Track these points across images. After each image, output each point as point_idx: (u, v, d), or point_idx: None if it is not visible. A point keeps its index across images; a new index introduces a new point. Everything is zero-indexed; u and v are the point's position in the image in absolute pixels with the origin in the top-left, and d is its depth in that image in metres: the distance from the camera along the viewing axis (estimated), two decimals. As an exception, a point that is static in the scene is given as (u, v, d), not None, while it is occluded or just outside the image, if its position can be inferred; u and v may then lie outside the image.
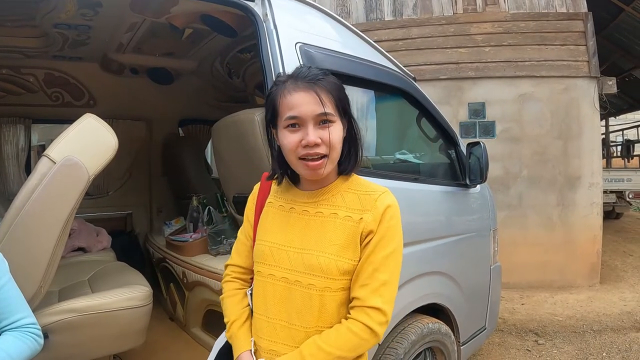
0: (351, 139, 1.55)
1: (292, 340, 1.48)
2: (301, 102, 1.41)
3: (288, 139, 1.43)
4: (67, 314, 2.43)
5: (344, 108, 1.49)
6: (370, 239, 1.45)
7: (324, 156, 1.43)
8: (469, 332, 3.38)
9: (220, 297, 1.74)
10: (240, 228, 1.76)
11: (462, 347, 3.26)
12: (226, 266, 1.78)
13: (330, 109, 1.42)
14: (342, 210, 1.50)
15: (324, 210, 1.51)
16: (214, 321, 3.28)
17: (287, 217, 1.56)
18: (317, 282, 1.44)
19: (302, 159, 1.43)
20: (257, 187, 1.74)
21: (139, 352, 3.05)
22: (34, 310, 2.06)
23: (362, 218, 1.46)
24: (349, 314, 1.45)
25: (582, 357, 4.42)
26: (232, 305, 1.67)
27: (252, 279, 1.68)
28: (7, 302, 1.69)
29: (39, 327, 1.79)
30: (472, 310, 3.41)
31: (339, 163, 1.53)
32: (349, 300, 1.47)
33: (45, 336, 2.22)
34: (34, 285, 2.20)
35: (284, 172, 1.58)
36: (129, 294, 2.66)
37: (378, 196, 1.50)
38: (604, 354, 4.47)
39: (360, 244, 1.46)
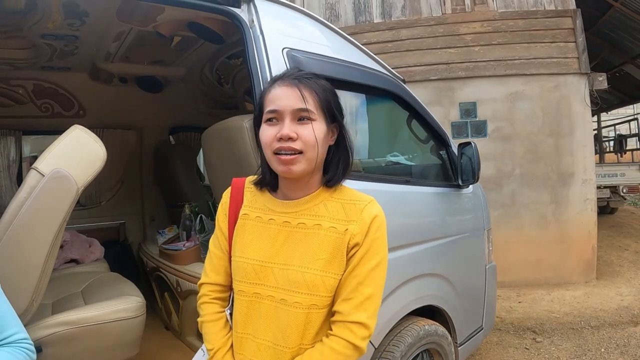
0: (339, 147, 1.48)
1: None
2: (282, 96, 1.38)
3: (265, 133, 1.39)
4: (61, 327, 2.41)
5: (330, 111, 1.43)
6: (356, 252, 1.39)
7: (299, 152, 1.35)
8: (466, 333, 3.37)
9: (199, 319, 1.61)
10: (212, 240, 1.64)
11: (459, 348, 3.26)
12: (201, 285, 1.64)
13: (311, 106, 1.37)
14: (325, 220, 1.42)
15: (307, 221, 1.43)
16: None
17: (267, 230, 1.47)
18: (302, 300, 1.37)
19: (276, 153, 1.37)
20: (227, 195, 1.62)
21: (135, 362, 3.03)
22: (27, 324, 2.05)
23: (347, 229, 1.40)
24: (331, 329, 1.40)
25: (580, 354, 4.43)
26: (215, 332, 1.55)
27: (229, 296, 1.60)
28: (-2, 317, 1.67)
29: (32, 342, 1.77)
30: (469, 310, 3.41)
31: (325, 172, 1.48)
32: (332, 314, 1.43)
33: (39, 350, 2.20)
34: (26, 299, 2.19)
35: (269, 173, 1.49)
36: (122, 305, 2.65)
37: (364, 206, 1.43)
38: (602, 350, 4.48)
39: (346, 257, 1.40)
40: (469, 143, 3.19)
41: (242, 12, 2.30)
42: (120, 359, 2.73)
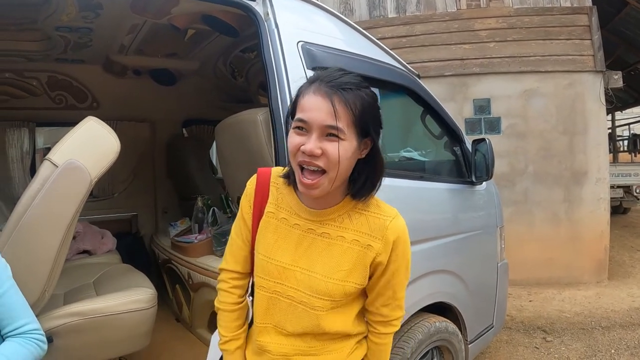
0: (368, 163, 1.41)
1: (302, 341, 1.47)
2: (314, 108, 1.28)
3: (291, 140, 1.33)
4: (72, 318, 2.42)
5: (364, 127, 1.32)
6: (385, 268, 1.44)
7: (322, 172, 1.31)
8: (477, 331, 3.36)
9: (216, 303, 1.65)
10: (235, 227, 1.63)
11: (469, 346, 3.25)
12: (221, 270, 1.66)
13: (343, 124, 1.27)
14: (349, 232, 1.42)
15: (331, 232, 1.43)
16: (220, 322, 3.27)
17: (291, 233, 1.47)
18: (323, 305, 1.41)
19: (300, 167, 1.33)
20: (252, 186, 1.58)
21: (145, 353, 3.04)
22: (38, 314, 2.06)
23: (370, 245, 1.41)
24: (373, 325, 1.56)
25: (590, 354, 4.40)
26: (230, 321, 1.62)
27: (249, 282, 1.65)
28: (10, 308, 1.68)
29: (43, 333, 1.78)
30: (480, 308, 3.39)
31: (352, 183, 1.42)
32: (359, 309, 1.54)
33: (50, 340, 2.22)
34: (38, 290, 2.20)
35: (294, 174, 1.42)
36: (134, 297, 2.66)
37: (389, 223, 1.42)
38: (613, 351, 4.44)
39: (369, 269, 1.43)
40: (483, 139, 3.17)
41: (257, 5, 2.29)
42: (131, 350, 2.74)
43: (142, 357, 3.12)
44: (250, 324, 1.62)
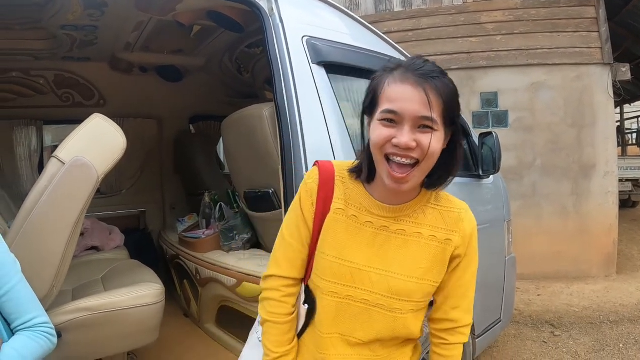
0: (449, 153, 1.32)
1: (369, 350, 1.39)
2: (405, 98, 1.20)
3: (378, 132, 1.23)
4: (81, 313, 2.44)
5: (451, 117, 1.26)
6: (459, 262, 1.39)
7: (413, 165, 1.23)
8: (484, 325, 3.34)
9: (263, 315, 1.47)
10: (290, 229, 1.46)
11: (477, 340, 3.23)
12: (269, 277, 1.47)
13: (436, 114, 1.20)
14: (425, 228, 1.35)
15: (407, 228, 1.35)
16: (227, 317, 3.29)
17: (362, 231, 1.36)
18: (402, 306, 1.33)
19: (388, 159, 1.23)
20: (314, 180, 1.42)
21: (154, 348, 3.06)
22: (47, 310, 2.07)
23: (448, 239, 1.35)
24: (439, 336, 1.45)
25: (598, 349, 4.38)
26: (281, 335, 1.44)
27: (300, 289, 1.49)
28: (19, 302, 1.69)
29: (52, 326, 1.79)
30: (487, 302, 3.38)
31: (429, 175, 1.31)
32: (425, 314, 1.46)
33: (59, 335, 2.22)
34: (46, 285, 2.21)
35: (370, 169, 1.34)
36: (142, 292, 2.67)
37: (464, 215, 1.40)
38: (621, 345, 4.42)
39: (447, 266, 1.38)
40: (490, 133, 3.16)
41: (261, 1, 2.29)
42: (140, 345, 2.76)
43: (150, 352, 3.15)
44: (299, 336, 1.50)
